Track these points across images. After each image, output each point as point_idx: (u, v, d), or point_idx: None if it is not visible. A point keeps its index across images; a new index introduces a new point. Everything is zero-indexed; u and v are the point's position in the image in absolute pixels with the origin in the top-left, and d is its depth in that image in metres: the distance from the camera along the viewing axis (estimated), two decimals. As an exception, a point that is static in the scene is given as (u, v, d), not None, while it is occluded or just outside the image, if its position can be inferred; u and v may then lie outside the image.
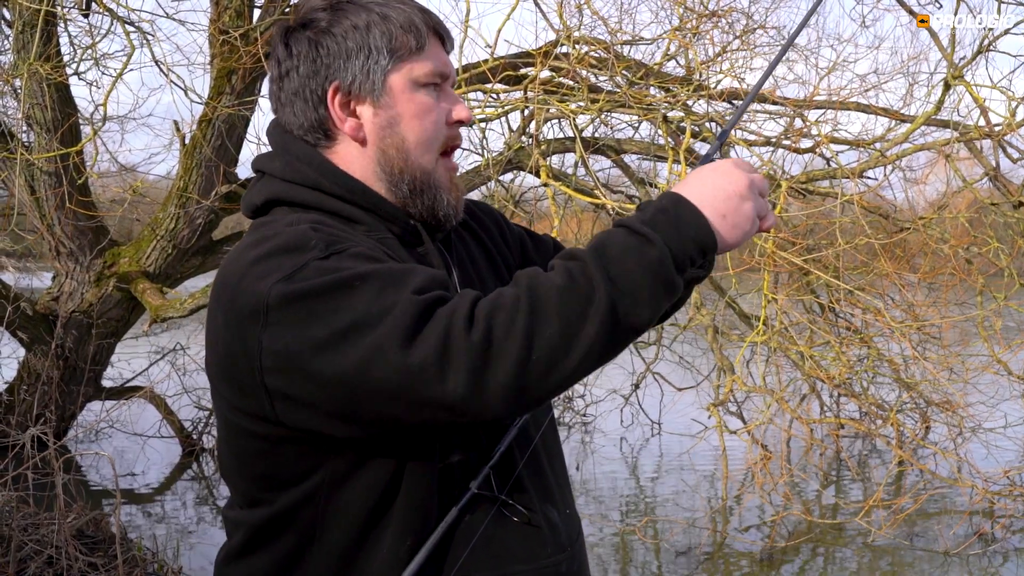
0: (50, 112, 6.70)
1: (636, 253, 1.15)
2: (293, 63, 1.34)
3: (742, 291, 7.66)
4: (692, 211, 1.19)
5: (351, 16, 1.32)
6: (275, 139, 1.39)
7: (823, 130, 6.84)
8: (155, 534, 5.50)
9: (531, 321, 1.10)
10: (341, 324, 1.12)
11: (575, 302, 1.11)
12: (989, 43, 6.42)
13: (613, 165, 7.84)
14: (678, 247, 1.17)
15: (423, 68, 1.34)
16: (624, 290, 1.13)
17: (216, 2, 6.84)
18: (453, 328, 1.10)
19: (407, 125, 1.34)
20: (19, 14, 6.41)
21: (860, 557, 5.56)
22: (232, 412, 1.27)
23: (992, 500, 5.89)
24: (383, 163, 1.34)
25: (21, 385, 7.35)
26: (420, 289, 1.15)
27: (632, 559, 5.60)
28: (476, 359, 1.09)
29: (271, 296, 1.15)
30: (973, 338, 7.35)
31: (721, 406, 6.55)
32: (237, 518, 1.35)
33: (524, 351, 1.09)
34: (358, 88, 1.33)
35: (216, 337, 1.24)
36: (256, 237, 1.26)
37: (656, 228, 1.17)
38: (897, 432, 6.88)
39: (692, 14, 6.59)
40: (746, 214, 1.23)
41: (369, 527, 1.25)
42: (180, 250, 7.19)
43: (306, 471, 1.25)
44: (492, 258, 1.53)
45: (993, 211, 7.10)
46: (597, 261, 1.14)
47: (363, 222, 1.33)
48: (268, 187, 1.36)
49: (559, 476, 1.44)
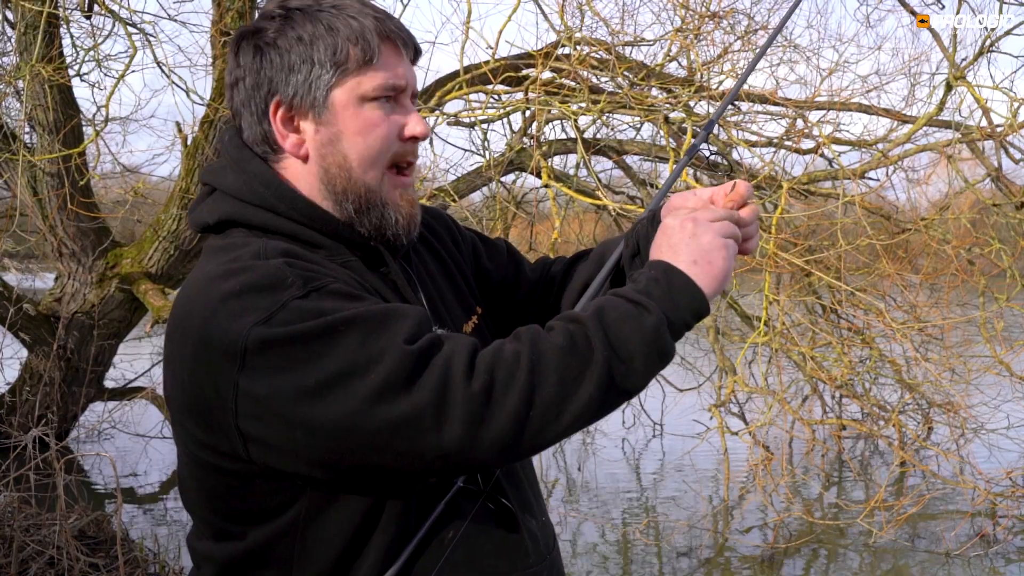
0: (52, 113, 6.71)
1: (634, 320, 1.17)
2: (241, 73, 1.30)
3: (743, 292, 7.66)
4: (681, 278, 1.22)
5: (298, 27, 1.27)
6: (229, 151, 1.33)
7: (825, 131, 6.85)
8: (157, 535, 5.50)
9: (532, 378, 1.11)
10: (327, 372, 1.09)
11: (575, 363, 1.13)
12: (991, 44, 6.43)
13: (615, 166, 7.85)
14: (674, 313, 1.20)
15: (372, 82, 1.28)
16: (621, 356, 1.15)
17: (218, 3, 6.85)
18: (452, 378, 1.09)
19: (349, 142, 1.28)
20: (22, 16, 6.42)
21: (862, 558, 5.55)
22: (198, 447, 1.21)
23: (994, 501, 5.88)
24: (326, 181, 1.30)
25: (23, 386, 7.36)
26: (410, 337, 1.12)
27: (633, 560, 5.60)
28: (475, 410, 1.09)
29: (249, 339, 1.10)
30: (975, 339, 7.34)
31: (723, 407, 6.55)
32: (206, 552, 1.29)
33: (523, 406, 1.10)
34: (299, 103, 1.28)
35: (181, 369, 1.18)
36: (224, 267, 1.19)
37: (651, 296, 1.19)
38: (899, 433, 6.88)
39: (694, 15, 6.60)
40: (709, 244, 1.25)
41: (348, 557, 1.22)
42: (182, 251, 7.21)
43: (281, 505, 1.20)
44: (448, 270, 1.50)
45: (995, 212, 7.09)
46: (597, 326, 1.16)
47: (324, 246, 1.29)
48: (222, 205, 1.30)
49: (533, 485, 1.45)
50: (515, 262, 1.64)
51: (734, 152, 6.91)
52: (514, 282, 1.62)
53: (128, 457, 7.60)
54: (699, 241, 1.25)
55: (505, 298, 1.60)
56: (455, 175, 7.30)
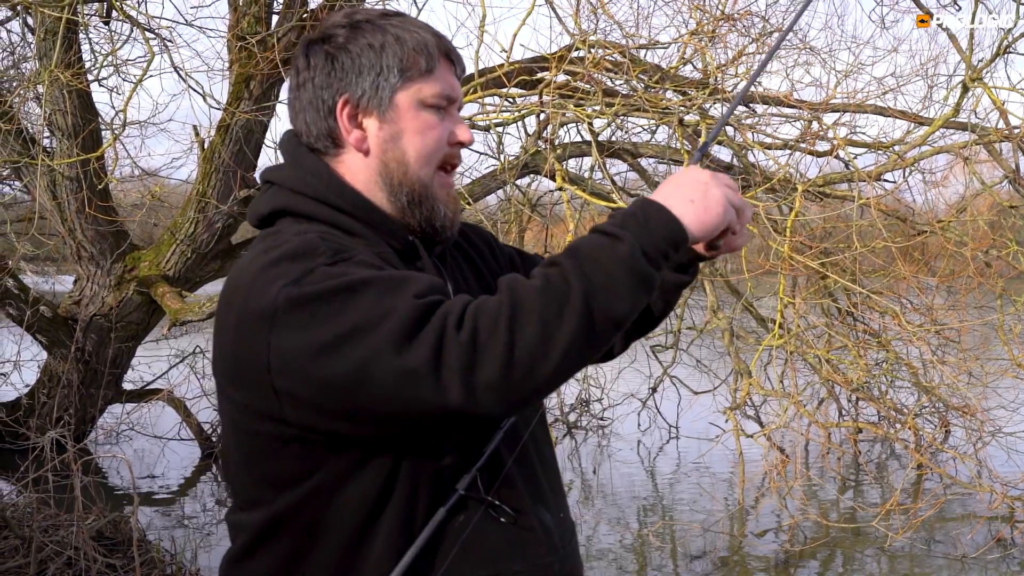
0: (71, 118, 6.77)
1: (607, 250, 1.22)
2: (309, 74, 1.42)
3: (759, 294, 7.64)
4: (658, 208, 1.28)
5: (368, 35, 1.40)
6: (287, 150, 1.46)
7: (840, 133, 6.83)
8: (173, 536, 5.54)
9: (511, 322, 1.16)
10: (343, 328, 1.18)
11: (552, 301, 1.18)
12: (1008, 45, 6.39)
13: (629, 168, 7.85)
14: (647, 241, 1.25)
15: (431, 89, 1.41)
16: (598, 284, 1.20)
17: (235, 8, 6.89)
18: (447, 329, 1.16)
19: (409, 140, 1.41)
20: (41, 22, 6.49)
21: (877, 562, 5.53)
22: (240, 412, 1.32)
23: (1011, 505, 5.83)
24: (384, 174, 1.41)
25: (42, 388, 7.42)
26: (419, 293, 1.21)
27: (649, 562, 5.60)
28: (463, 358, 1.15)
29: (279, 299, 1.21)
30: (992, 342, 7.30)
31: (738, 410, 6.54)
32: (239, 521, 1.40)
33: (507, 349, 1.15)
34: (366, 102, 1.40)
35: (225, 339, 1.30)
36: (265, 245, 1.32)
37: (625, 228, 1.25)
38: (915, 436, 6.85)
39: (709, 18, 6.59)
40: (715, 197, 1.32)
41: (365, 528, 1.30)
42: (199, 254, 7.26)
43: (307, 472, 1.30)
44: (483, 277, 1.59)
45: (1013, 214, 7.05)
46: (570, 261, 1.21)
47: (363, 235, 1.39)
48: (275, 198, 1.43)
49: (552, 482, 1.49)
50: None
51: (749, 155, 6.89)
52: None
53: (146, 459, 7.65)
54: (708, 190, 1.33)
55: None
56: (470, 178, 7.33)
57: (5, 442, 6.80)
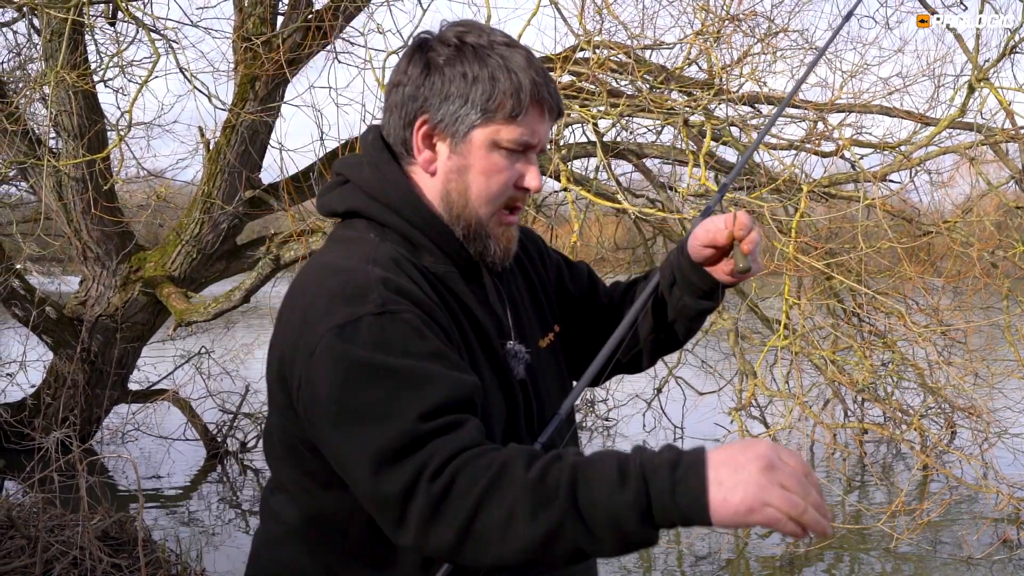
0: (77, 119, 6.78)
1: (612, 493, 1.12)
2: (405, 79, 1.44)
3: (764, 295, 7.63)
4: (698, 482, 1.11)
5: (466, 64, 1.40)
6: (370, 149, 1.48)
7: (846, 133, 6.81)
8: (179, 536, 5.55)
9: (484, 497, 1.15)
10: (347, 407, 1.24)
11: (533, 501, 1.14)
12: (1014, 45, 6.37)
13: (634, 169, 7.84)
14: (662, 505, 1.12)
15: (509, 134, 1.41)
16: (582, 516, 1.13)
17: (240, 9, 6.90)
18: (423, 474, 1.17)
19: (474, 177, 1.43)
20: (47, 23, 6.50)
21: (883, 563, 5.52)
22: (284, 414, 1.38)
23: (1017, 506, 5.82)
24: (446, 199, 1.45)
25: (47, 389, 7.44)
26: (429, 412, 1.21)
27: (654, 564, 5.59)
28: (428, 511, 1.17)
29: (321, 342, 1.26)
30: (999, 343, 7.28)
31: (743, 411, 6.53)
32: (279, 506, 1.46)
33: (468, 519, 1.16)
34: (443, 128, 1.42)
35: (282, 342, 1.36)
36: (337, 260, 1.38)
37: (650, 477, 1.13)
38: (921, 437, 6.83)
39: (714, 18, 6.58)
40: (769, 500, 1.11)
41: (389, 548, 1.36)
42: (205, 255, 7.27)
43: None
44: (533, 288, 1.63)
45: (1019, 214, 7.03)
46: (572, 478, 1.15)
47: (430, 251, 1.43)
48: (352, 197, 1.47)
49: None
50: (593, 285, 1.77)
51: (754, 155, 6.88)
52: (590, 305, 1.74)
53: (151, 459, 7.66)
54: (762, 480, 1.11)
55: (582, 319, 1.72)
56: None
57: (11, 442, 6.82)
